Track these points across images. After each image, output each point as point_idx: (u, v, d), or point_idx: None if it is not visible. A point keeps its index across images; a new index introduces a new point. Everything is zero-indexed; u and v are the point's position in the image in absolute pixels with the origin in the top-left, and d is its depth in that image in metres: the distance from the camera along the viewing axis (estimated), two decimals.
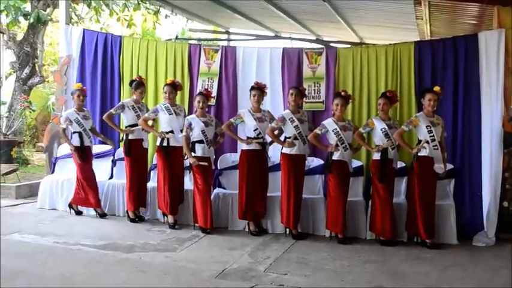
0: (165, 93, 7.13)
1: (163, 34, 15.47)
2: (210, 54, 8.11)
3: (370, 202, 6.67)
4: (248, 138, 6.83)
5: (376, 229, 6.52)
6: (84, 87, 7.77)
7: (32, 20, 10.93)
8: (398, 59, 7.39)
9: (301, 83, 7.67)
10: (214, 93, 7.85)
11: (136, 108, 7.31)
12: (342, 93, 6.71)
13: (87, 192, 7.41)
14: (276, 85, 7.76)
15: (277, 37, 12.32)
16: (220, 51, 8.08)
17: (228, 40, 12.49)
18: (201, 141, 6.84)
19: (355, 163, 7.00)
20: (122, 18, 12.75)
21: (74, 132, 7.40)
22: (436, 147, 6.30)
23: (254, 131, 6.80)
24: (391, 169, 6.50)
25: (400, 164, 6.85)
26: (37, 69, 11.70)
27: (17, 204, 7.94)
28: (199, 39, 11.15)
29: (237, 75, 8.02)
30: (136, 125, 7.23)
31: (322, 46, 8.23)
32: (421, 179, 6.35)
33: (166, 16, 12.79)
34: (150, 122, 7.28)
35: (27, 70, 11.47)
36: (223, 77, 8.03)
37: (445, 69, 7.16)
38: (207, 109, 7.17)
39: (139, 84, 7.43)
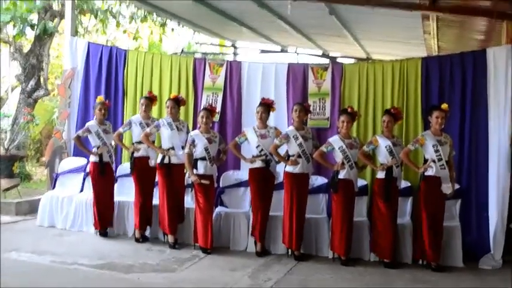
0: (168, 107, 7.03)
1: (169, 47, 15.42)
2: (215, 69, 8.02)
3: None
4: (253, 156, 6.72)
5: (377, 250, 6.37)
6: (107, 101, 7.63)
7: (38, 32, 10.91)
8: (405, 75, 7.28)
9: (306, 98, 7.56)
10: (218, 108, 7.73)
11: (144, 125, 7.15)
12: (349, 110, 6.58)
13: (96, 211, 7.23)
14: (280, 101, 7.62)
15: (283, 51, 12.27)
16: (225, 66, 7.99)
17: (235, 54, 12.43)
18: (203, 158, 6.72)
19: (360, 182, 6.84)
20: (128, 31, 12.72)
21: (94, 147, 7.29)
22: (443, 167, 6.15)
23: (256, 147, 6.70)
24: (395, 188, 6.36)
25: (405, 184, 6.72)
26: (42, 81, 11.63)
27: (17, 221, 7.81)
28: (205, 53, 11.08)
29: (242, 90, 7.93)
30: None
31: (328, 61, 8.11)
32: (427, 199, 6.21)
33: (172, 29, 12.73)
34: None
35: (32, 82, 11.38)
36: (227, 92, 7.94)
37: (453, 85, 7.04)
38: (211, 125, 7.07)
39: (143, 98, 7.38)
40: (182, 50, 10.00)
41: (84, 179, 7.87)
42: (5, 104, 14.95)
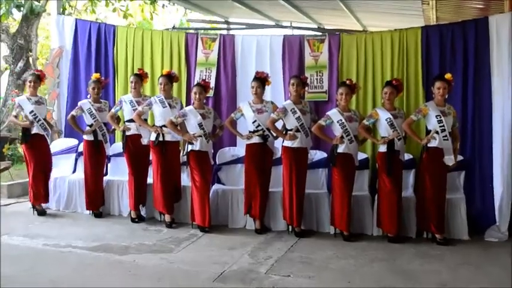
0: (160, 84, 6.79)
1: (161, 26, 15.11)
2: (208, 44, 7.76)
3: (376, 197, 6.35)
4: (249, 132, 6.51)
5: (383, 225, 6.19)
6: (103, 78, 7.42)
7: (25, 12, 10.60)
8: (405, 45, 7.04)
9: (303, 72, 7.32)
10: (212, 84, 7.51)
11: (134, 103, 6.95)
12: (347, 82, 6.38)
13: (88, 191, 7.10)
14: (276, 75, 7.39)
15: (277, 26, 11.97)
16: (218, 40, 7.72)
17: (228, 29, 12.11)
18: (198, 135, 6.50)
19: (360, 155, 6.67)
20: (118, 9, 12.40)
21: (88, 125, 7.13)
22: (446, 138, 5.96)
23: (253, 123, 6.49)
24: (398, 161, 6.16)
25: (407, 156, 6.52)
26: (31, 62, 11.35)
27: (9, 204, 7.60)
28: (197, 29, 10.79)
29: (236, 64, 7.68)
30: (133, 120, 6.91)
31: (325, 33, 7.86)
32: (430, 171, 6.03)
33: (163, 6, 12.42)
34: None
35: (21, 64, 11.13)
36: (221, 67, 7.69)
37: (454, 55, 6.81)
38: (205, 101, 6.83)
39: (133, 75, 7.16)
40: (173, 26, 9.67)
41: (76, 160, 7.69)
42: None
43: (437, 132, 5.96)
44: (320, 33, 7.81)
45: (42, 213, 7.15)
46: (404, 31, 7.13)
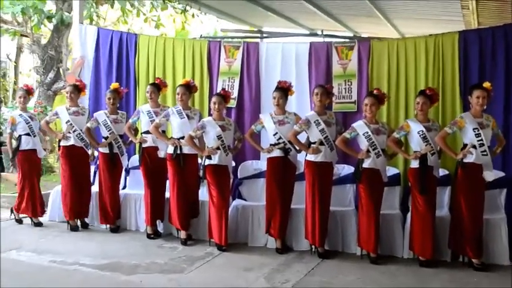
0: (178, 94, 6.47)
1: (193, 35, 14.93)
2: (231, 52, 7.43)
3: (408, 216, 5.83)
4: (270, 145, 6.12)
5: (415, 247, 5.66)
6: (121, 88, 7.19)
7: (55, 23, 10.55)
8: (441, 51, 6.54)
9: (331, 81, 6.91)
10: (235, 94, 7.19)
11: (152, 114, 6.68)
12: (374, 92, 5.91)
13: (102, 205, 6.86)
14: (302, 84, 7.02)
15: (311, 34, 11.55)
16: (241, 48, 7.38)
17: (261, 38, 11.77)
18: (217, 148, 6.15)
19: (391, 171, 6.20)
20: (149, 19, 12.24)
21: (103, 137, 6.90)
22: (484, 153, 5.41)
23: (274, 135, 6.09)
24: (432, 178, 5.64)
25: (442, 172, 5.98)
26: (61, 73, 11.28)
27: (26, 216, 7.39)
28: (226, 38, 10.49)
29: (260, 73, 7.32)
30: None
31: (354, 40, 7.41)
32: (466, 189, 5.48)
33: (193, 15, 12.18)
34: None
35: (51, 75, 11.05)
36: (244, 76, 7.34)
37: (495, 62, 6.29)
38: (225, 112, 6.48)
39: (149, 85, 6.90)
40: (201, 35, 9.39)
41: (95, 172, 7.43)
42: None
43: (474, 147, 5.42)
44: (349, 40, 7.36)
45: (75, 228, 6.88)
46: (440, 36, 6.63)
